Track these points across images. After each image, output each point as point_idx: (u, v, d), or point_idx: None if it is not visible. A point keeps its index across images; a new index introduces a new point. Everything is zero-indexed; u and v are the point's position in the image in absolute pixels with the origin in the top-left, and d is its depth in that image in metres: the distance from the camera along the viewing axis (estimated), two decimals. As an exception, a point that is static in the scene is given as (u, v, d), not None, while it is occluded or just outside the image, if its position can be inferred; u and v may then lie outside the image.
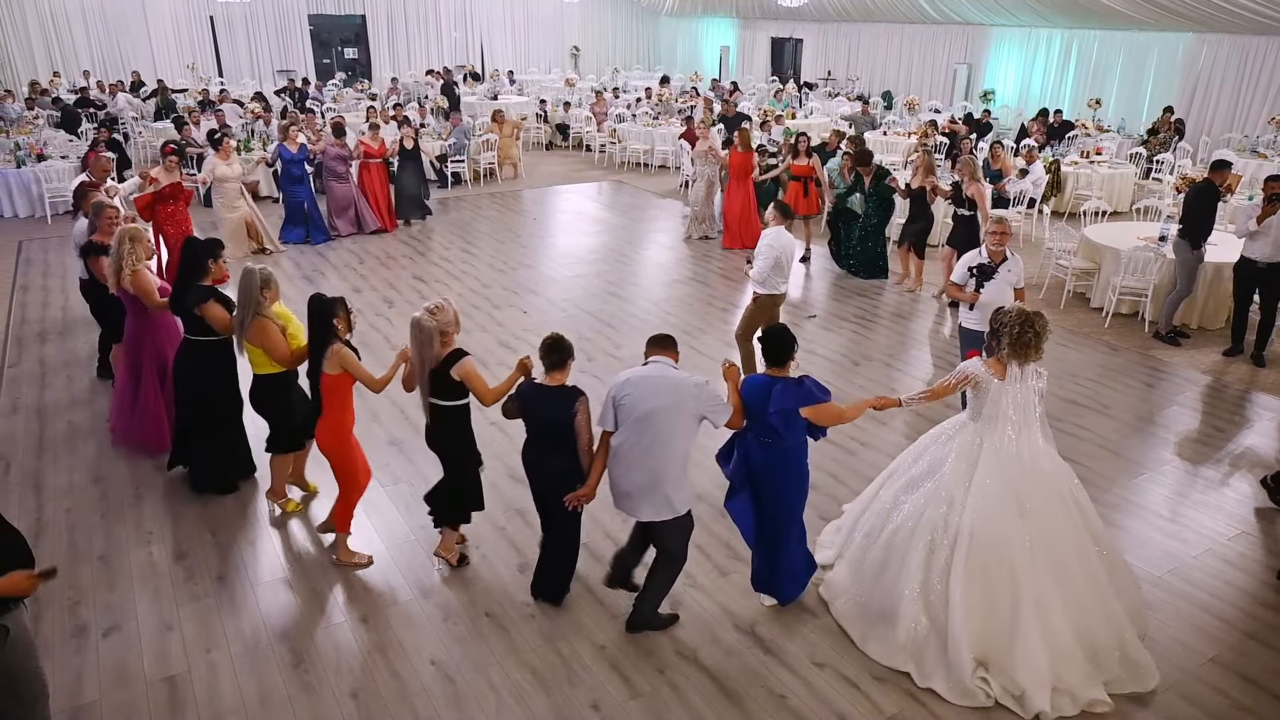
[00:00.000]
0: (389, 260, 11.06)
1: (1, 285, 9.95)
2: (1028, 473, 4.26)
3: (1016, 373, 4.27)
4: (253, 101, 17.83)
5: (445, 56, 25.79)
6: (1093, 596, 4.21)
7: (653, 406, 4.12)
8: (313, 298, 4.73)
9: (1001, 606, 4.14)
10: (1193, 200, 8.24)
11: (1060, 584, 4.17)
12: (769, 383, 4.35)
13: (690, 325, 8.86)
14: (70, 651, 4.38)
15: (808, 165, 10.89)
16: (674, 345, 4.36)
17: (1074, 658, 4.11)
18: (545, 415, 4.37)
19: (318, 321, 4.70)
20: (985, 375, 4.32)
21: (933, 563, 4.27)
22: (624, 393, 4.17)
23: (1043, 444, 4.37)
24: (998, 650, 4.14)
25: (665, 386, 4.16)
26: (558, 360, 4.34)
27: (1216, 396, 7.45)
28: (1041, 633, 4.09)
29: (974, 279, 6.21)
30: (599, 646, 4.47)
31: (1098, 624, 4.19)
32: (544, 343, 4.37)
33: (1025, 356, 4.25)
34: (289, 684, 4.20)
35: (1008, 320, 4.26)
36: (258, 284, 5.02)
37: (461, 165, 15.20)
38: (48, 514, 5.52)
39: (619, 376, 4.28)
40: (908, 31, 21.50)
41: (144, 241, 5.88)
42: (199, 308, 5.28)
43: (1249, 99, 15.49)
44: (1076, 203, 12.55)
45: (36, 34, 20.79)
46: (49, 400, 7.15)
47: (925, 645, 4.25)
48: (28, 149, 13.29)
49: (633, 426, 4.15)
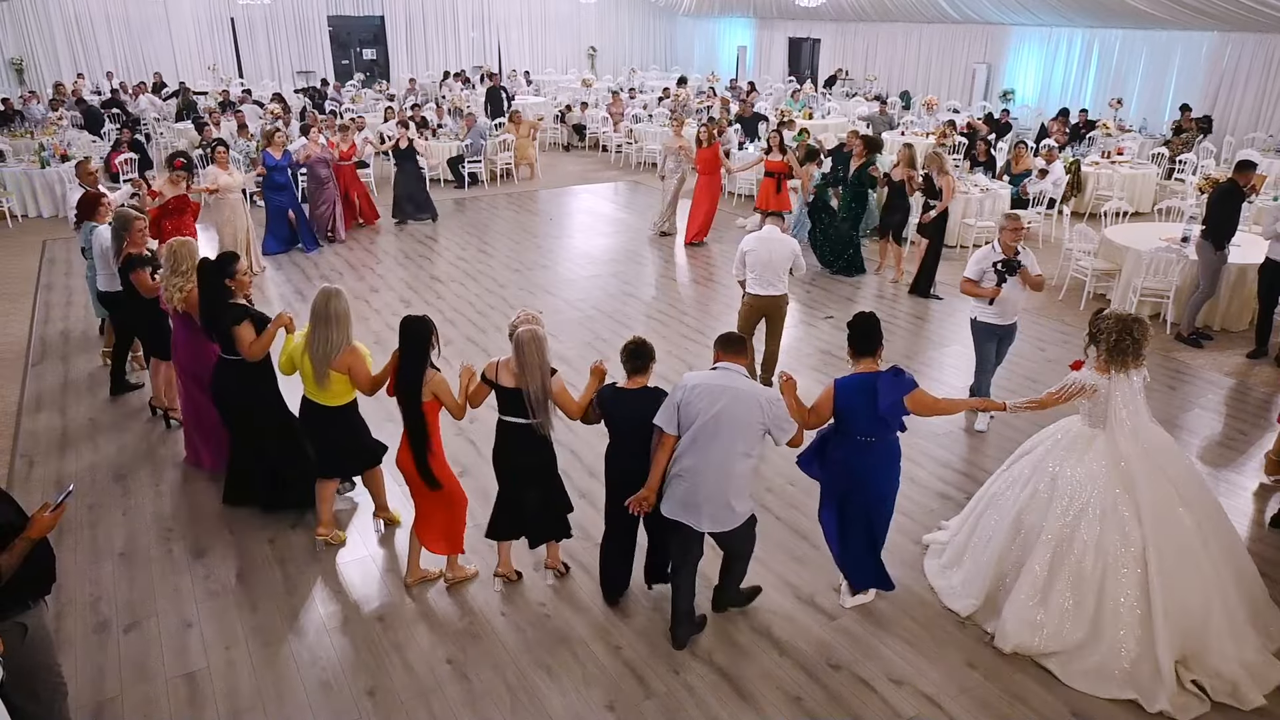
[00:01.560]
0: (405, 260, 11.11)
1: (26, 284, 10.08)
2: (1169, 463, 4.26)
3: (1120, 374, 4.25)
4: (272, 102, 17.97)
5: (463, 57, 25.91)
6: (1241, 574, 4.25)
7: (718, 416, 4.01)
8: (406, 319, 4.43)
9: (1194, 603, 4.09)
10: (1216, 201, 8.15)
11: (1232, 564, 4.21)
12: (868, 379, 4.26)
13: (706, 326, 8.85)
14: (92, 647, 4.43)
15: (781, 162, 10.96)
16: (745, 349, 4.28)
17: (1251, 640, 4.15)
18: (631, 419, 4.27)
19: (414, 344, 4.36)
20: (1100, 381, 4.27)
21: (1124, 585, 4.13)
22: (690, 398, 4.06)
23: (1165, 435, 4.41)
24: (1196, 648, 4.09)
25: (733, 396, 4.03)
26: (641, 364, 4.27)
27: (1240, 399, 7.36)
28: (1229, 626, 4.09)
29: (996, 274, 6.17)
30: (614, 647, 4.47)
31: (1258, 592, 4.28)
32: (627, 347, 4.28)
33: (1124, 364, 4.21)
34: (307, 681, 4.23)
35: (1105, 327, 4.24)
36: (346, 308, 4.70)
37: (478, 166, 15.26)
38: (69, 511, 5.57)
39: (686, 379, 4.16)
40: (926, 31, 21.37)
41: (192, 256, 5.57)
42: (234, 329, 5.06)
43: (1274, 98, 15.28)
44: (1097, 203, 12.44)
45: (61, 37, 21.05)
46: (71, 398, 7.23)
47: (1140, 669, 4.08)
48: (51, 150, 13.46)
49: (696, 435, 4.04)
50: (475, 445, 6.25)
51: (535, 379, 4.24)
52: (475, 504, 5.12)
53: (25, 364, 7.92)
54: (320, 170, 11.64)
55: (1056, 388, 4.42)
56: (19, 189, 13.11)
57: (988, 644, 4.47)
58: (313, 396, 4.90)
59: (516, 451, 4.52)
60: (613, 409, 4.34)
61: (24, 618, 3.21)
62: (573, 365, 7.83)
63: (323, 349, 4.69)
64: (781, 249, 6.74)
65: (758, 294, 6.88)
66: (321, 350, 4.69)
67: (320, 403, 4.89)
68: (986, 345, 6.51)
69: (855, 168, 10.33)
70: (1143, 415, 4.31)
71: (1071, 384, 4.34)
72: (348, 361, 4.72)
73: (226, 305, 5.12)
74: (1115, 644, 4.14)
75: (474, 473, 5.89)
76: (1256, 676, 4.07)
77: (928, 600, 4.80)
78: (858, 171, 10.31)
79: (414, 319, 4.42)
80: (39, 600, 3.30)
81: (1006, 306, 6.28)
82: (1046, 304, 9.44)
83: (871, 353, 4.35)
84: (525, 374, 4.25)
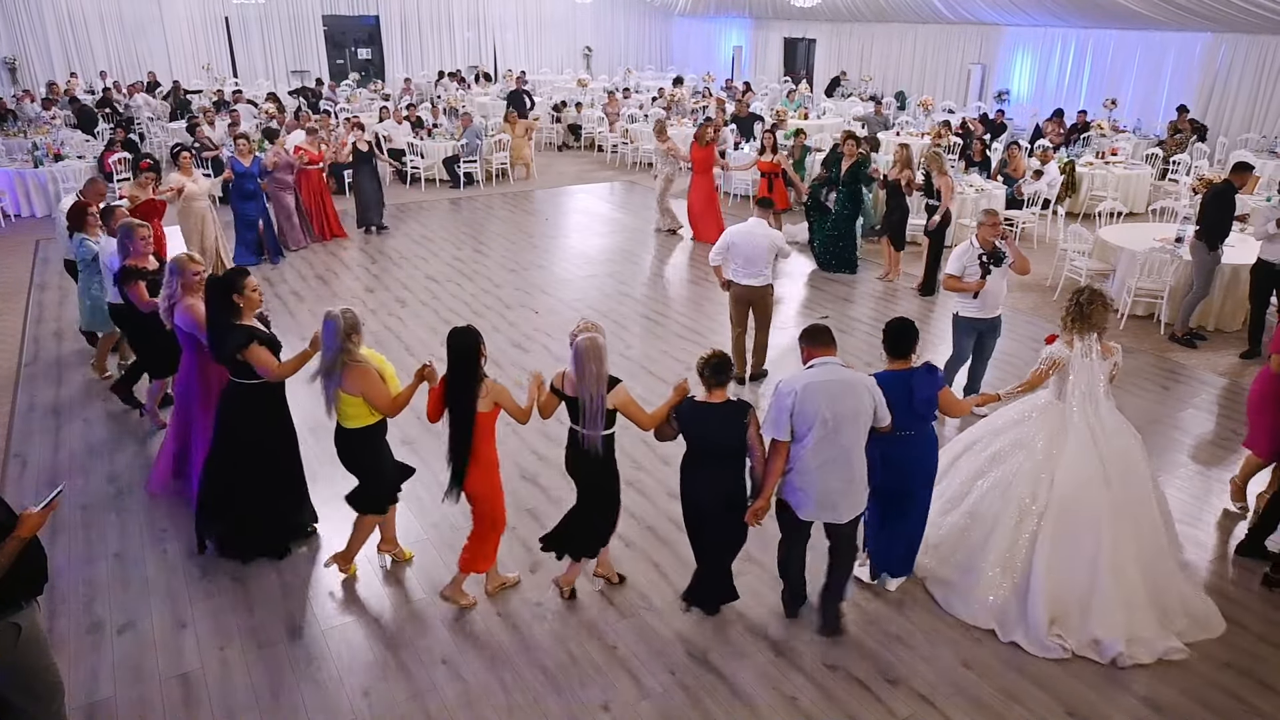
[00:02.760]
0: (401, 260, 11.09)
1: (19, 284, 10.04)
2: (1112, 443, 4.62)
3: (1082, 347, 4.66)
4: (267, 102, 17.94)
5: (458, 57, 25.88)
6: (1159, 556, 4.59)
7: (839, 412, 4.07)
8: (453, 332, 4.24)
9: (1081, 570, 4.46)
10: (1210, 201, 8.18)
11: (1135, 545, 4.51)
12: (904, 375, 4.43)
13: (703, 326, 8.85)
14: (86, 648, 4.42)
15: (773, 162, 11.12)
16: (832, 339, 4.30)
17: (1147, 614, 4.46)
18: (713, 434, 4.21)
19: (463, 357, 4.19)
20: (1066, 354, 4.69)
21: (1019, 532, 4.58)
22: (803, 402, 4.07)
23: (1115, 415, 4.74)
24: (1072, 609, 4.46)
25: (847, 390, 4.11)
26: (725, 379, 4.21)
27: (1233, 399, 7.38)
28: (1118, 592, 4.42)
29: (982, 268, 6.33)
30: (610, 647, 4.47)
31: (1164, 582, 4.56)
32: (710, 361, 4.19)
33: (1083, 328, 4.66)
34: (302, 682, 4.22)
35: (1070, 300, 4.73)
36: (343, 329, 4.29)
37: (474, 165, 15.24)
38: (63, 511, 5.55)
39: (790, 384, 4.13)
40: (921, 31, 21.41)
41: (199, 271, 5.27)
42: (242, 353, 4.64)
43: (1267, 99, 15.34)
44: (1092, 204, 12.48)
45: (54, 35, 20.97)
46: (65, 398, 7.20)
47: (1007, 606, 4.54)
48: (45, 149, 13.42)
49: (820, 434, 4.08)
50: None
51: (590, 388, 4.18)
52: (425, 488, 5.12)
53: (18, 363, 7.89)
54: (285, 176, 11.06)
55: (1039, 364, 4.82)
56: (12, 188, 13.06)
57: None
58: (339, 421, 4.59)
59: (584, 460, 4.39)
60: (690, 424, 4.23)
61: (17, 618, 3.20)
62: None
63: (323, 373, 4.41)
64: (763, 241, 6.95)
65: (743, 284, 7.12)
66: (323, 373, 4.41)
67: (343, 426, 4.56)
68: (966, 340, 6.69)
69: (847, 167, 10.42)
70: (1099, 390, 4.70)
71: (1046, 357, 4.76)
72: (357, 385, 4.35)
73: (232, 326, 4.67)
74: (989, 580, 4.60)
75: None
76: (1140, 646, 4.39)
77: (922, 600, 4.82)
78: (850, 170, 10.40)
79: (460, 331, 4.22)
80: (32, 600, 3.29)
81: (989, 300, 6.45)
82: (1040, 304, 9.46)
83: (906, 354, 4.49)
84: (581, 382, 4.20)
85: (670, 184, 12.24)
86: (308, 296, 9.68)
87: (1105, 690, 4.21)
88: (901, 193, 10.08)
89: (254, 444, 4.91)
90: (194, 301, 5.12)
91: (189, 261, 5.21)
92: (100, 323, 7.18)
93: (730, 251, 7.05)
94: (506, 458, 5.96)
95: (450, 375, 4.24)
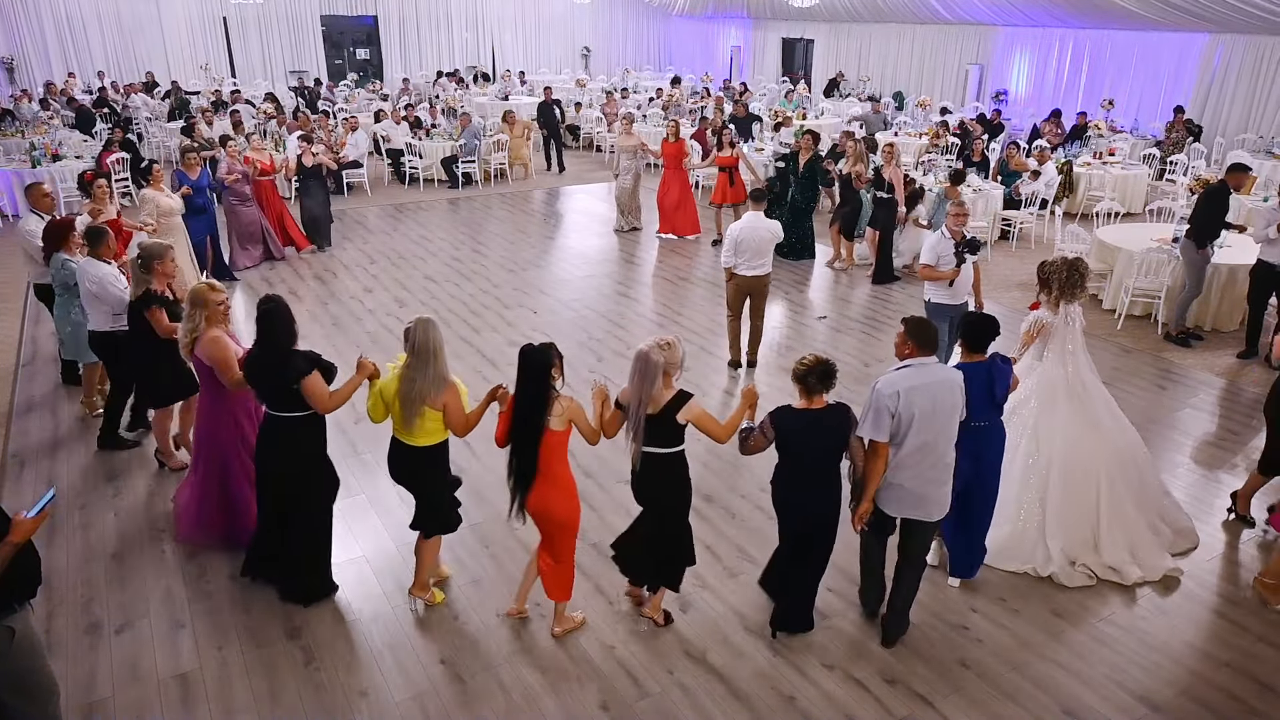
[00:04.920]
0: (399, 260, 11.09)
1: (16, 285, 10.03)
2: (1091, 394, 5.18)
3: (1066, 313, 5.16)
4: (265, 102, 17.93)
5: (457, 57, 25.88)
6: (1143, 487, 5.23)
7: (939, 410, 4.13)
8: (525, 348, 4.08)
9: (1087, 514, 5.05)
10: (1203, 201, 8.21)
11: (1124, 481, 5.11)
12: (984, 366, 4.55)
13: (700, 326, 8.86)
14: (83, 648, 4.41)
15: (732, 156, 11.40)
16: (936, 339, 4.27)
17: (1146, 538, 5.10)
18: (816, 440, 4.12)
19: (535, 374, 4.02)
20: (1052, 319, 5.17)
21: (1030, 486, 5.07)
22: (905, 403, 4.06)
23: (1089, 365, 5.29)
24: (1087, 548, 5.03)
25: (945, 389, 4.16)
26: (833, 384, 4.12)
27: (1231, 399, 7.40)
28: (1121, 528, 5.05)
29: (957, 256, 6.62)
30: (608, 647, 4.47)
31: (1151, 507, 5.21)
32: (816, 368, 4.08)
33: (1074, 295, 5.16)
34: (300, 682, 4.22)
35: (1054, 269, 5.18)
36: (440, 340, 4.13)
37: (473, 166, 15.24)
38: (61, 511, 5.55)
39: (891, 384, 4.09)
40: (919, 31, 21.42)
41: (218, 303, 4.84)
42: (302, 383, 4.27)
43: (1264, 99, 15.36)
44: (1089, 204, 12.49)
45: (52, 36, 20.95)
46: (62, 399, 7.19)
47: (1036, 552, 5.05)
48: (43, 149, 13.40)
49: (918, 434, 4.10)
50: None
51: (635, 397, 4.05)
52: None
53: (16, 364, 7.88)
54: (242, 188, 10.37)
55: (1024, 329, 5.27)
56: (10, 189, 13.04)
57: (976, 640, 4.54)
58: (401, 437, 4.37)
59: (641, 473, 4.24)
60: (790, 433, 4.12)
61: (11, 620, 3.20)
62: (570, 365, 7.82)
63: (421, 386, 4.15)
64: (766, 233, 7.33)
65: (746, 275, 7.41)
66: (420, 388, 4.15)
67: (406, 443, 4.35)
68: (941, 325, 6.99)
69: (805, 161, 10.95)
70: (1079, 347, 5.22)
71: (1034, 321, 5.20)
72: (445, 398, 4.20)
73: (291, 353, 4.34)
74: (1017, 531, 5.08)
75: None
76: (1147, 567, 5.02)
77: (920, 600, 4.81)
78: (808, 164, 10.93)
79: (534, 349, 4.04)
80: (25, 603, 3.29)
81: (959, 287, 6.78)
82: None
83: (985, 348, 4.60)
84: (633, 391, 4.05)
85: (639, 181, 12.40)
86: (306, 296, 9.67)
87: (1104, 690, 4.22)
88: (854, 186, 10.59)
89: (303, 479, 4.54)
90: (218, 334, 4.74)
91: (210, 291, 4.77)
92: (86, 351, 6.49)
93: (739, 247, 7.31)
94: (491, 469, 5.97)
95: (519, 393, 4.09)
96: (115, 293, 5.93)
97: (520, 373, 4.07)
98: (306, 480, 4.54)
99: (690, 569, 4.61)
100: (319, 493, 4.62)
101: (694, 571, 4.95)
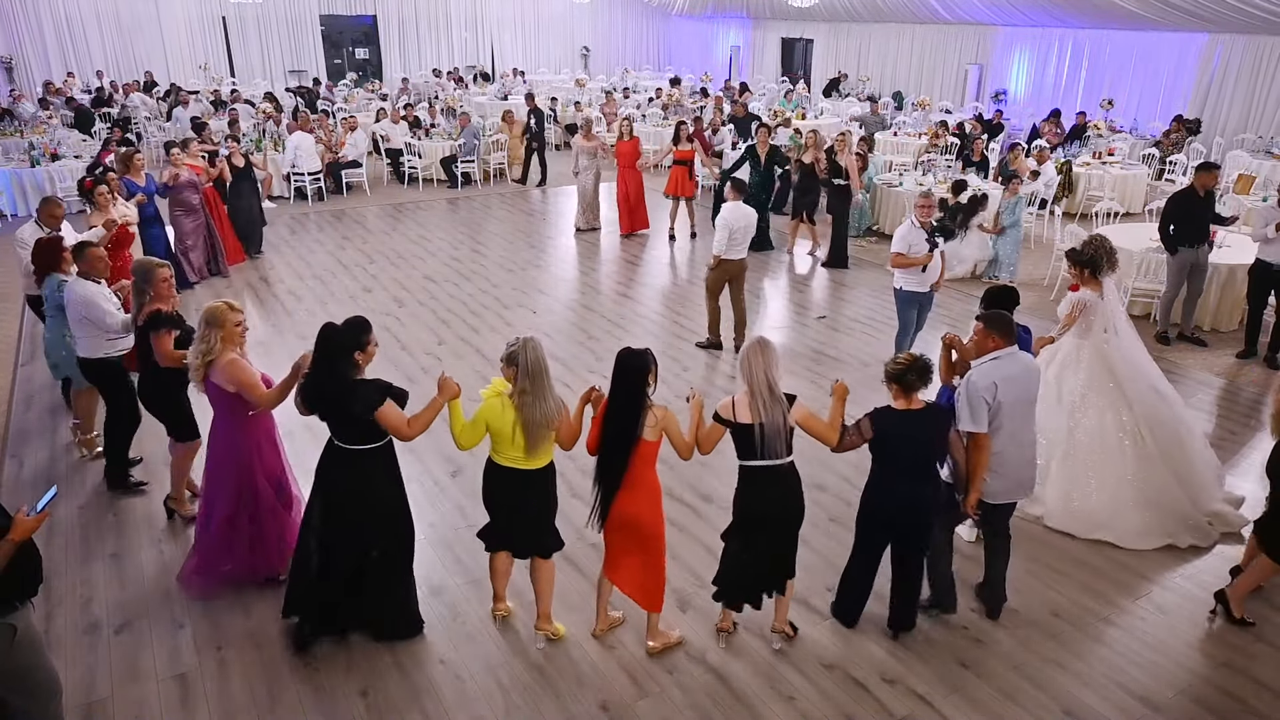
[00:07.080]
0: (398, 260, 11.08)
1: (16, 283, 10.02)
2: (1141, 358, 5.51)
3: (1107, 290, 5.40)
4: (264, 102, 17.93)
5: (456, 57, 25.87)
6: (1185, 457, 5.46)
7: (1023, 399, 4.33)
8: (623, 353, 3.92)
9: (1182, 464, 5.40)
10: (1168, 206, 8.26)
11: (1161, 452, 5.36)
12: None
13: (700, 326, 8.85)
14: (83, 648, 4.41)
15: (689, 150, 11.94)
16: (1014, 328, 4.38)
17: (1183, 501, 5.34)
18: (915, 439, 4.09)
19: (630, 381, 3.86)
20: (1095, 299, 5.38)
21: (1126, 460, 5.33)
22: (1001, 393, 4.21)
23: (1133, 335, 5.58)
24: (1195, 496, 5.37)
25: (1031, 377, 4.39)
26: (929, 379, 4.09)
27: (1230, 399, 7.40)
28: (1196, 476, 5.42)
29: (929, 244, 6.90)
30: (607, 647, 4.47)
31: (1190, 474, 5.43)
32: (913, 366, 4.02)
33: (1114, 266, 5.46)
34: (299, 683, 4.21)
35: (1095, 246, 5.42)
36: (545, 358, 3.93)
37: (472, 165, 15.24)
38: (60, 511, 5.54)
39: (986, 376, 4.20)
40: (919, 31, 21.43)
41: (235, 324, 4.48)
42: (375, 413, 3.97)
43: (1263, 99, 15.37)
44: (1088, 204, 12.49)
45: (51, 35, 20.95)
46: (61, 398, 7.18)
47: (1166, 521, 5.26)
48: (41, 149, 13.40)
49: (1012, 422, 4.29)
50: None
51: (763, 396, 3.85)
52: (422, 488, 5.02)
53: (15, 363, 7.88)
54: (190, 197, 9.63)
55: (1066, 309, 5.45)
56: (9, 188, 13.04)
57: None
58: (513, 463, 4.08)
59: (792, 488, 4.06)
60: (888, 433, 4.07)
61: (12, 619, 3.20)
62: (569, 366, 7.85)
63: (544, 410, 3.93)
64: (750, 217, 7.86)
65: (733, 259, 7.83)
66: (543, 411, 3.93)
67: (523, 468, 4.08)
68: (909, 312, 7.34)
69: (765, 154, 11.23)
70: (1121, 314, 5.50)
71: (1077, 302, 5.38)
72: (560, 421, 4.02)
73: (356, 383, 4.00)
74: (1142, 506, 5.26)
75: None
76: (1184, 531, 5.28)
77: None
78: (769, 157, 11.27)
79: (631, 353, 3.88)
80: (26, 601, 3.29)
81: (928, 276, 7.10)
82: (1038, 304, 9.46)
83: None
84: (754, 401, 3.84)
85: (599, 180, 12.59)
86: (305, 296, 9.67)
87: (1104, 690, 4.22)
88: (815, 174, 10.95)
89: (391, 519, 4.26)
90: (235, 358, 4.41)
91: (229, 311, 4.41)
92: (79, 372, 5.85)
93: (735, 234, 7.70)
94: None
95: (612, 398, 3.93)
96: (100, 314, 5.35)
97: (615, 378, 3.90)
98: (393, 522, 4.25)
99: (690, 569, 4.62)
100: (404, 530, 4.33)
101: (694, 571, 4.96)
